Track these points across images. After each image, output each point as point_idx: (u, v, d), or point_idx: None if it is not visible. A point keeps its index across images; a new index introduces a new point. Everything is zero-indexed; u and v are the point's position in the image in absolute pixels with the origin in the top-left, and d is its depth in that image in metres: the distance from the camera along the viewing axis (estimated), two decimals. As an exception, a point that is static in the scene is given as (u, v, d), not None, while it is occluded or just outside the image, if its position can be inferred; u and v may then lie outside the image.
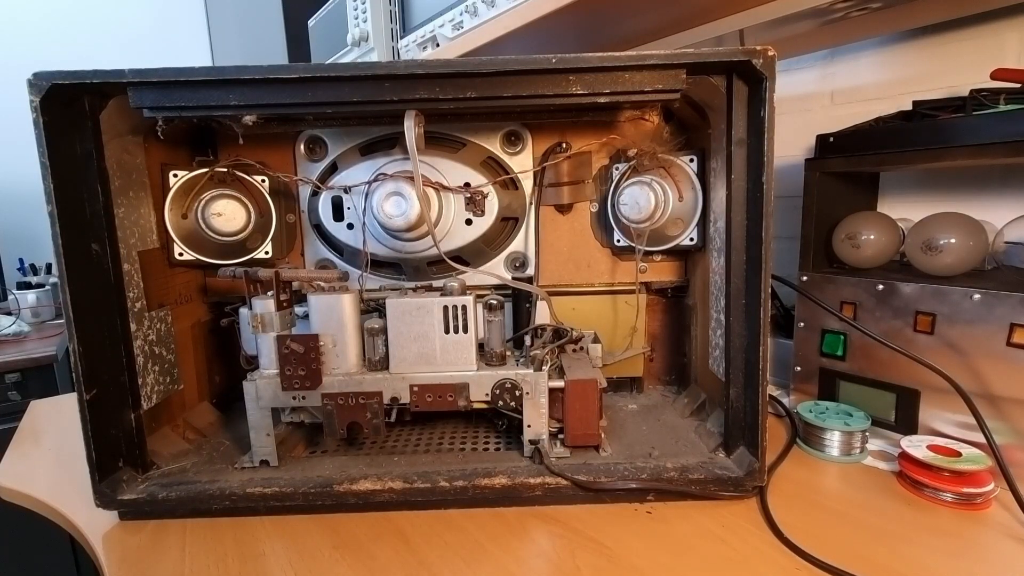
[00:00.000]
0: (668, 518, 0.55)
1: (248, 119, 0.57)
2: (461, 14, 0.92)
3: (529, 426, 0.60)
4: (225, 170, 0.67)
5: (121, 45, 2.18)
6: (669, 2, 0.70)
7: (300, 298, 0.62)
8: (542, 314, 0.71)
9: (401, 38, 1.12)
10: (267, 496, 0.57)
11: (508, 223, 0.73)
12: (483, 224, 0.70)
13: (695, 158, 0.66)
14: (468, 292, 0.60)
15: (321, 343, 0.58)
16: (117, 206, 0.58)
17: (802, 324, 0.74)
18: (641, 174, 0.68)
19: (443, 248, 0.67)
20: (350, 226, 0.71)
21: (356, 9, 1.20)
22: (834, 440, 0.64)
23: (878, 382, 0.67)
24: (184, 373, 0.69)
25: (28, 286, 1.83)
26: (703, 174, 0.66)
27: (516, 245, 0.74)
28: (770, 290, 0.54)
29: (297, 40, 1.66)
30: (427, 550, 0.51)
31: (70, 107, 0.53)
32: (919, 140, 0.64)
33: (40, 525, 0.61)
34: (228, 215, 0.67)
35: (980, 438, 0.57)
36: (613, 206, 0.69)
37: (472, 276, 0.70)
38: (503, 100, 0.53)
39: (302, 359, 0.57)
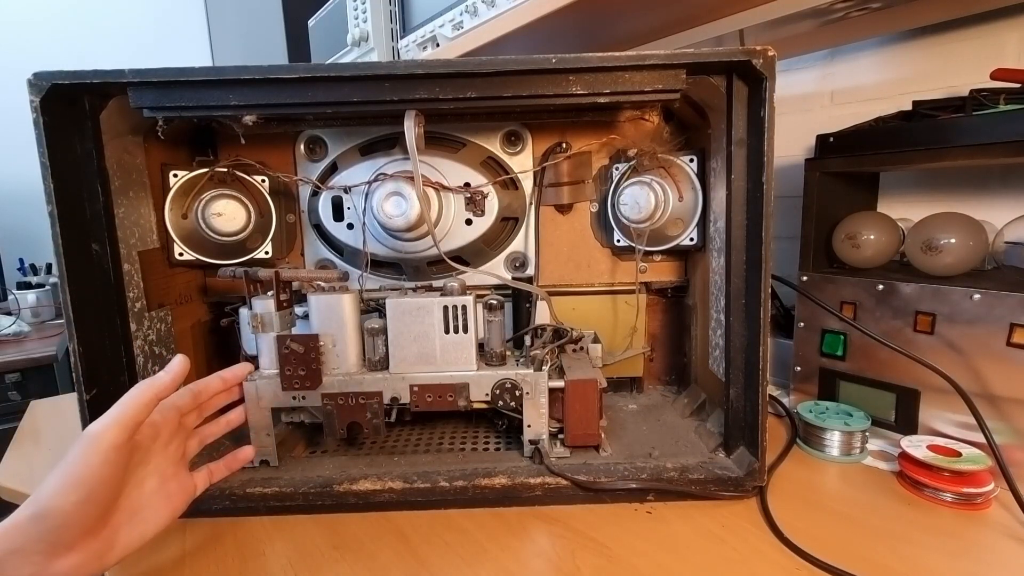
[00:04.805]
0: (668, 518, 0.55)
1: (248, 119, 0.57)
2: (461, 14, 0.92)
3: (529, 426, 0.60)
4: (225, 170, 0.67)
5: (121, 45, 2.18)
6: (669, 2, 0.70)
7: (300, 298, 0.62)
8: (542, 314, 0.71)
9: (401, 38, 1.12)
10: (267, 496, 0.57)
11: (508, 223, 0.73)
12: (483, 224, 0.70)
13: (695, 158, 0.66)
14: (468, 292, 0.60)
15: (321, 343, 0.58)
16: (117, 206, 0.58)
17: (802, 324, 0.74)
18: (641, 174, 0.68)
19: (443, 248, 0.67)
20: (350, 226, 0.71)
21: (356, 9, 1.20)
22: (834, 440, 0.64)
23: (878, 382, 0.67)
24: (184, 373, 0.69)
25: (28, 286, 1.83)
26: (703, 174, 0.66)
27: (516, 245, 0.74)
28: (770, 290, 0.54)
29: (297, 40, 1.66)
30: (427, 550, 0.51)
31: (70, 107, 0.53)
32: (919, 140, 0.63)
33: (40, 525, 0.61)
34: (228, 215, 0.67)
35: (980, 438, 0.56)
36: (613, 206, 0.69)
37: (472, 276, 0.70)
38: (503, 100, 0.53)
39: (302, 359, 0.57)
